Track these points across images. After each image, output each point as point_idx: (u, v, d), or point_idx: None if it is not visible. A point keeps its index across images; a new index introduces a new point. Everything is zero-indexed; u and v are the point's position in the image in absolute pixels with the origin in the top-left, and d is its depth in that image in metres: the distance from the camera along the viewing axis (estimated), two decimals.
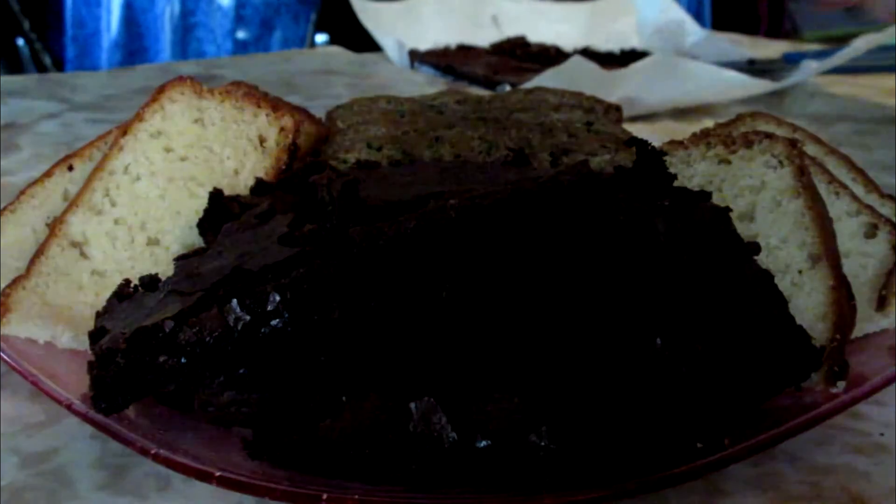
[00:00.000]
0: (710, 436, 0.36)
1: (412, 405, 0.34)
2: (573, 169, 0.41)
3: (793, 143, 0.46)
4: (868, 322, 0.45)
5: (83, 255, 0.48)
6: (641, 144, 0.42)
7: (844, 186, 0.49)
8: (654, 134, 0.72)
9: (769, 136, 0.47)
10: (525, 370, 0.36)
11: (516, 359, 0.36)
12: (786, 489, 0.38)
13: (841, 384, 0.39)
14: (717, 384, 0.36)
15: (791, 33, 3.38)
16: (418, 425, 0.34)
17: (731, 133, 0.49)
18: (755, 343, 0.38)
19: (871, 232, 0.47)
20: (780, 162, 0.46)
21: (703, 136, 0.50)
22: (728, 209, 0.41)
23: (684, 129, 0.54)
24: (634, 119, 0.98)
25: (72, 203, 0.49)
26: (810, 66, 1.07)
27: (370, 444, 0.34)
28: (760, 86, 1.00)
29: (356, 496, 0.33)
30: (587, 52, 1.19)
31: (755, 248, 0.40)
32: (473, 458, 0.34)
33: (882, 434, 0.41)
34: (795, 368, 0.38)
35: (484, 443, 0.34)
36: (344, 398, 0.35)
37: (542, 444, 0.34)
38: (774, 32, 3.23)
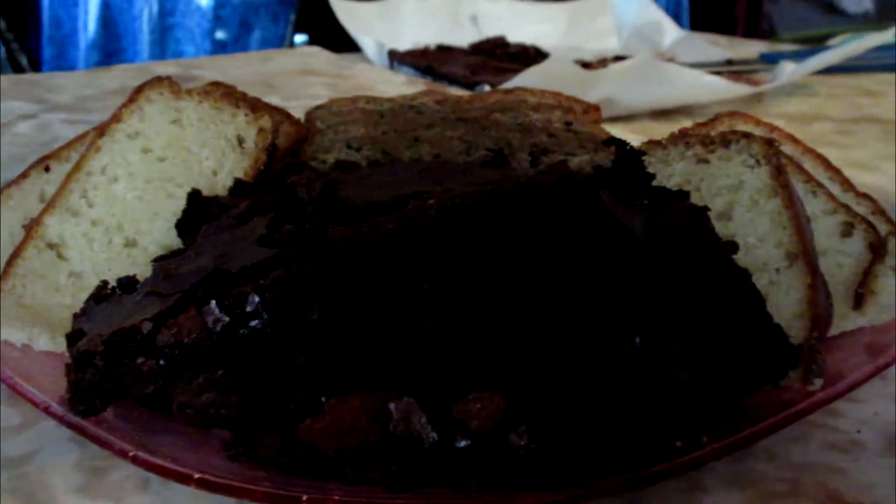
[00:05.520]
0: (689, 434, 0.36)
1: (392, 405, 0.34)
2: (552, 169, 0.41)
3: (770, 143, 0.47)
4: (845, 320, 0.45)
5: (60, 256, 0.48)
6: (620, 144, 0.42)
7: (821, 185, 0.50)
8: (632, 134, 0.72)
9: (747, 135, 0.47)
10: (505, 369, 0.36)
11: (496, 358, 0.36)
12: (764, 486, 0.38)
13: (818, 382, 0.39)
14: (695, 382, 0.36)
15: (768, 33, 3.40)
16: (398, 425, 0.34)
17: (709, 133, 0.50)
18: (733, 341, 0.38)
19: (847, 230, 0.48)
20: (758, 161, 0.46)
21: (681, 136, 0.50)
22: (706, 208, 0.41)
23: (663, 130, 0.55)
24: (613, 120, 0.98)
25: (49, 204, 0.49)
26: (789, 69, 1.08)
27: (350, 445, 0.34)
28: (740, 90, 1.00)
29: (336, 497, 0.33)
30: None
31: (733, 246, 0.41)
32: (453, 458, 0.34)
33: (859, 431, 0.41)
34: (773, 366, 0.38)
35: (464, 443, 0.34)
36: (324, 399, 0.35)
37: (522, 443, 0.34)
38: (751, 33, 3.25)
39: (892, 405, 0.43)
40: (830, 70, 1.15)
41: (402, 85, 1.15)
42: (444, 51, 1.28)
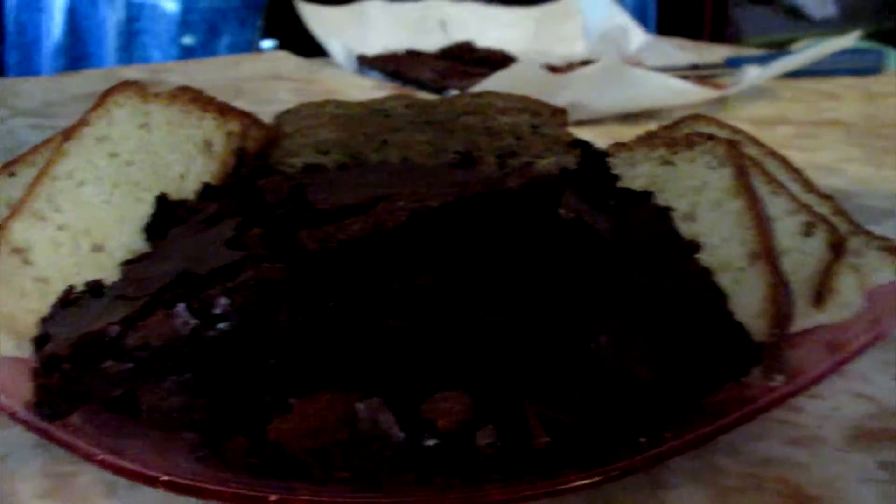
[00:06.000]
0: (652, 430, 0.36)
1: (359, 405, 0.34)
2: (519, 171, 0.42)
3: (733, 145, 0.47)
4: (806, 318, 0.46)
5: (26, 261, 0.47)
6: (586, 146, 0.43)
7: (783, 186, 0.51)
8: (600, 137, 0.73)
9: (710, 137, 0.48)
10: (471, 369, 0.36)
11: (463, 357, 0.36)
12: (727, 481, 0.39)
13: (780, 378, 0.39)
14: (659, 380, 0.37)
15: (734, 38, 3.44)
16: (365, 425, 0.34)
17: (673, 135, 0.50)
18: (697, 339, 0.39)
19: (808, 230, 0.48)
20: (721, 163, 0.47)
21: (646, 138, 0.51)
22: (670, 209, 0.42)
23: (630, 133, 0.55)
24: (581, 123, 0.99)
25: (15, 209, 0.48)
26: (753, 73, 1.09)
27: (318, 445, 0.34)
28: (705, 93, 1.01)
29: (304, 497, 0.33)
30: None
31: (696, 246, 0.41)
32: (421, 457, 0.34)
33: (820, 426, 0.42)
34: (736, 363, 0.39)
35: (431, 441, 0.34)
36: (291, 400, 0.35)
37: (489, 441, 0.34)
38: (718, 37, 3.28)
39: (851, 400, 0.44)
40: (794, 74, 1.17)
41: (370, 90, 1.15)
42: (412, 56, 1.29)
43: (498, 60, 1.23)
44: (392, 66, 1.23)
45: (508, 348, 0.37)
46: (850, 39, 1.12)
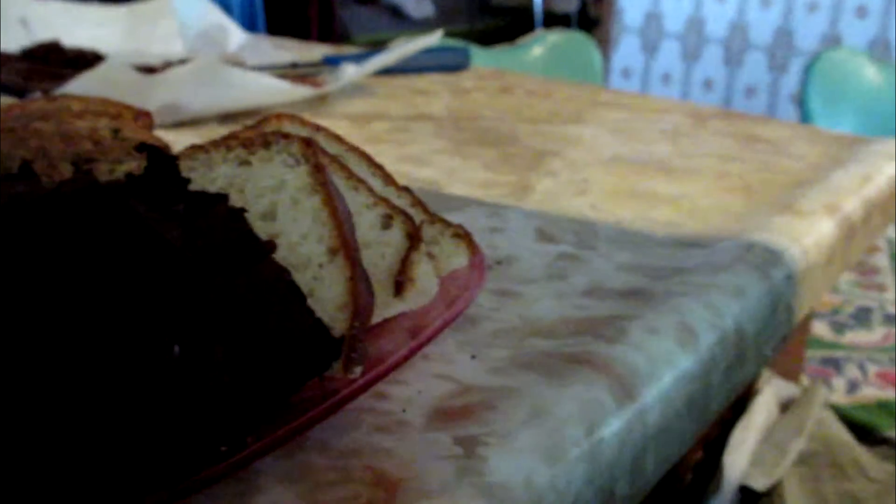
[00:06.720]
0: (235, 437, 0.36)
1: None
2: (76, 178, 0.39)
3: (308, 142, 0.48)
4: (388, 308, 0.48)
5: None
6: (151, 150, 0.41)
7: (363, 181, 0.52)
8: (199, 138, 0.71)
9: (285, 136, 0.48)
10: (46, 391, 0.33)
11: (27, 385, 0.33)
12: (316, 477, 0.39)
13: (358, 369, 0.41)
14: (239, 385, 0.36)
15: (343, 37, 3.55)
16: None
17: (250, 135, 0.50)
18: (275, 340, 0.38)
19: (387, 223, 0.50)
20: (297, 161, 0.47)
21: (224, 140, 0.50)
22: (243, 210, 0.41)
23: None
24: (181, 125, 0.96)
25: None
26: (350, 71, 1.12)
27: None
28: (303, 92, 1.03)
29: None
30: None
31: (272, 246, 0.41)
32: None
33: (404, 410, 0.44)
34: (315, 360, 0.39)
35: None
36: None
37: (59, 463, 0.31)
38: (326, 36, 3.37)
39: (434, 382, 0.47)
40: (390, 71, 1.22)
41: None
42: None
43: (88, 61, 1.16)
44: None
45: (79, 366, 0.34)
46: (434, 38, 1.19)
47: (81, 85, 0.88)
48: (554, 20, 4.08)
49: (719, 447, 0.92)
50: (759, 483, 0.87)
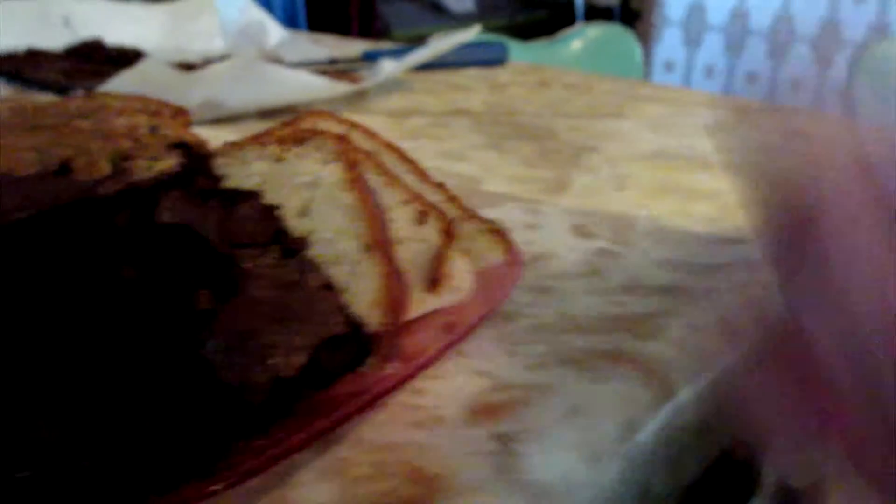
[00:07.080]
0: (269, 432, 0.36)
1: None
2: (115, 177, 0.39)
3: (342, 139, 0.48)
4: (423, 304, 0.48)
5: None
6: (185, 147, 0.42)
7: (397, 178, 0.52)
8: (237, 135, 0.72)
9: (319, 133, 0.48)
10: (76, 393, 0.34)
11: (64, 382, 0.33)
12: (352, 472, 0.39)
13: (393, 365, 0.40)
14: (273, 382, 0.36)
15: (383, 33, 3.55)
16: None
17: (284, 132, 0.50)
18: (310, 336, 0.39)
19: (421, 219, 0.50)
20: (332, 157, 0.47)
21: (259, 136, 0.50)
22: (276, 206, 0.41)
23: None
24: (219, 122, 0.97)
25: None
26: (388, 66, 1.12)
27: None
28: (341, 88, 1.03)
29: None
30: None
31: (305, 243, 0.41)
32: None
33: (439, 407, 0.44)
34: (350, 355, 0.39)
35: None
36: None
37: (88, 465, 0.32)
38: (367, 32, 3.38)
39: (471, 378, 0.46)
40: (428, 67, 1.22)
41: None
42: (34, 55, 1.19)
43: (130, 58, 1.17)
44: (11, 66, 1.13)
45: (115, 364, 0.35)
46: (471, 33, 1.18)
47: (121, 83, 0.89)
48: (596, 13, 4.05)
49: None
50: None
